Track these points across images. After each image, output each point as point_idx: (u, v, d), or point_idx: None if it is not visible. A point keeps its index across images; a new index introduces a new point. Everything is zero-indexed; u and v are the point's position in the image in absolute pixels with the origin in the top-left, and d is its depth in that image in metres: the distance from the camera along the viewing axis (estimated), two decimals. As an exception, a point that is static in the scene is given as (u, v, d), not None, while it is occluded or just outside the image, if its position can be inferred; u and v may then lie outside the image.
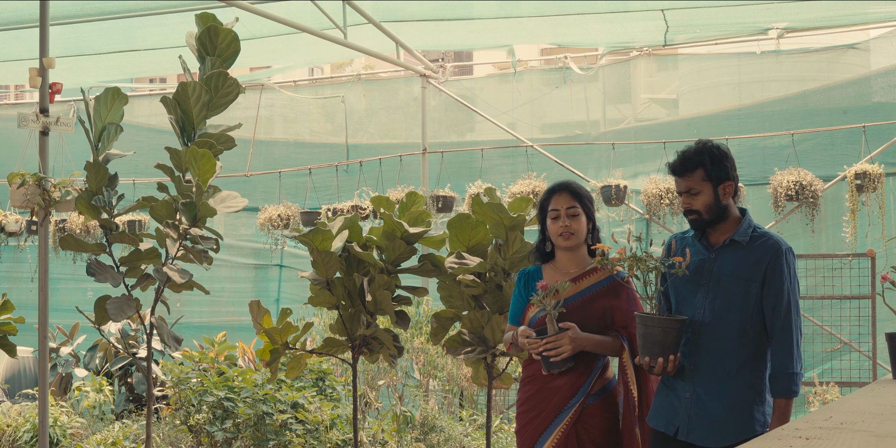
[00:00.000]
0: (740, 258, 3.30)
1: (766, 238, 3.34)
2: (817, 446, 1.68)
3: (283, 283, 10.20)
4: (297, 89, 10.39)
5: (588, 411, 3.57)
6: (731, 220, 3.35)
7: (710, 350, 3.28)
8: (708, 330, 3.28)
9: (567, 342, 3.45)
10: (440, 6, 7.48)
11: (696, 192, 3.30)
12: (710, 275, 3.31)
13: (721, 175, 3.29)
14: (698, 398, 3.30)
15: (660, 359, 3.21)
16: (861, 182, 7.44)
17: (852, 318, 7.27)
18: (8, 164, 8.05)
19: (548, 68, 9.55)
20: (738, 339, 3.25)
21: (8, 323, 5.71)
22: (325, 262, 4.88)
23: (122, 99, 5.33)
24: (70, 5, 7.07)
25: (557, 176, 8.66)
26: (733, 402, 3.25)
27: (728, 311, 3.26)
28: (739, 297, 3.25)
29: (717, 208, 3.30)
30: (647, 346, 3.24)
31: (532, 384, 3.66)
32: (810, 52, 8.58)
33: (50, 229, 8.87)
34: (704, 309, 3.30)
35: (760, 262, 3.27)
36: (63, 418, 7.45)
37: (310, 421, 6.80)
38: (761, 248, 3.30)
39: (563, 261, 3.73)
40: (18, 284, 10.40)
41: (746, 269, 3.27)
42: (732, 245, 3.33)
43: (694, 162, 3.29)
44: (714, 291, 3.29)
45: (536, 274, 3.76)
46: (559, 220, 3.66)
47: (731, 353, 3.26)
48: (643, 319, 3.22)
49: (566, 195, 3.70)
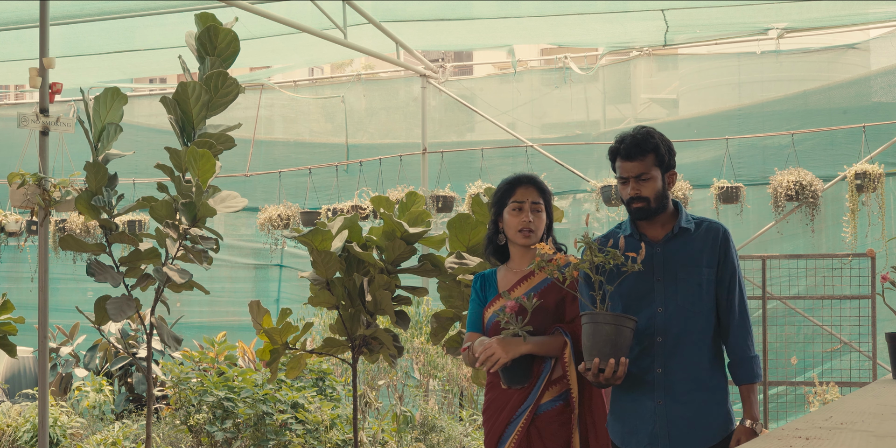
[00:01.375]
0: (691, 246, 3.13)
1: (709, 222, 3.20)
2: (817, 446, 1.68)
3: (283, 283, 10.20)
4: (297, 89, 10.39)
5: (543, 419, 3.30)
6: (669, 213, 3.18)
7: (683, 348, 3.07)
8: (676, 327, 3.07)
9: (497, 347, 3.21)
10: (440, 6, 7.48)
11: (647, 178, 3.10)
12: (662, 269, 3.11)
13: (670, 163, 3.15)
14: (673, 402, 3.07)
15: (611, 360, 2.91)
16: (861, 182, 7.44)
17: (852, 318, 7.27)
18: (8, 164, 8.04)
19: (548, 68, 9.55)
20: (709, 331, 3.10)
21: (8, 323, 5.71)
22: (325, 262, 4.88)
23: (121, 99, 5.33)
24: (70, 5, 7.07)
25: (557, 176, 8.67)
26: (711, 399, 3.08)
27: (694, 303, 3.08)
28: (701, 285, 3.09)
29: (663, 197, 3.14)
30: (596, 345, 2.91)
31: (491, 392, 3.46)
32: (810, 52, 8.58)
33: (50, 229, 8.87)
34: (666, 307, 3.08)
35: (712, 245, 3.12)
36: (63, 418, 7.45)
37: (310, 421, 6.80)
38: (708, 232, 3.14)
39: (516, 258, 3.50)
40: (18, 284, 10.40)
41: (699, 255, 3.11)
42: (682, 234, 3.15)
43: (650, 145, 3.10)
44: (673, 285, 3.09)
45: (492, 275, 3.55)
46: (521, 213, 3.43)
47: (705, 347, 3.09)
48: (591, 317, 2.92)
49: (532, 189, 3.48)
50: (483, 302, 3.51)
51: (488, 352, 3.21)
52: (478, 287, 3.56)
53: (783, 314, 7.92)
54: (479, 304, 3.53)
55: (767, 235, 8.14)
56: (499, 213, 3.52)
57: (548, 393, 3.31)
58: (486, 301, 3.49)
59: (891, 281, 3.44)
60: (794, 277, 7.76)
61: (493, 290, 3.50)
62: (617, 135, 3.21)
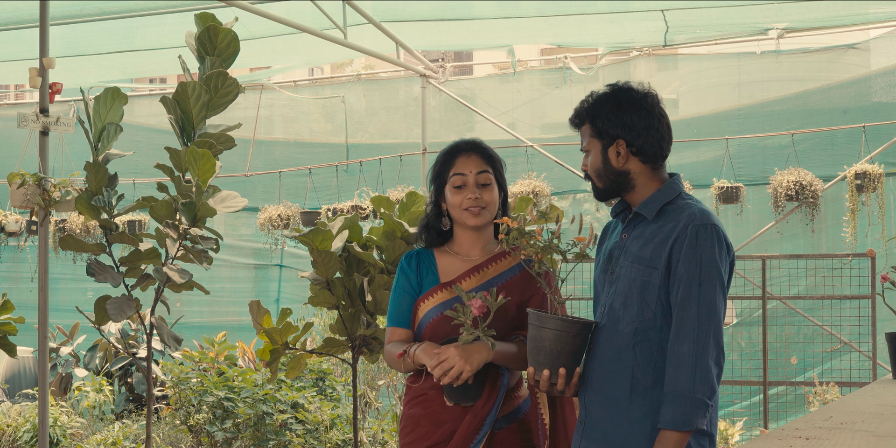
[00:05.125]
0: (646, 237, 2.44)
1: (682, 210, 2.43)
2: (817, 446, 1.68)
3: (283, 283, 10.20)
4: (297, 89, 10.39)
5: (498, 440, 2.72)
6: (644, 189, 2.49)
7: (603, 361, 2.45)
8: (603, 334, 2.47)
9: (457, 358, 2.55)
10: (440, 6, 7.48)
11: (586, 151, 2.54)
12: (617, 262, 2.50)
13: (612, 132, 2.46)
14: (588, 425, 2.48)
15: (545, 371, 2.39)
16: (861, 182, 7.45)
17: (852, 318, 7.27)
18: (8, 164, 8.04)
19: (548, 68, 9.55)
20: (634, 348, 2.40)
21: (8, 323, 5.71)
22: (325, 262, 4.88)
23: (121, 99, 5.33)
24: (70, 5, 7.06)
25: (557, 176, 8.67)
26: (623, 433, 2.40)
27: (625, 309, 2.43)
28: (637, 289, 2.41)
29: (611, 174, 2.47)
30: (531, 351, 2.44)
31: (420, 406, 2.76)
32: (810, 52, 8.58)
33: (50, 229, 8.87)
34: (606, 308, 2.49)
35: (666, 240, 2.40)
36: (63, 418, 7.45)
37: (310, 421, 6.80)
38: (671, 223, 2.42)
39: (464, 243, 2.82)
40: (18, 284, 10.40)
41: (648, 252, 2.42)
42: (636, 220, 2.50)
43: (584, 112, 2.52)
44: (616, 283, 2.48)
45: (427, 257, 2.84)
46: (465, 189, 2.77)
47: (626, 368, 2.41)
48: (535, 317, 2.43)
49: (476, 157, 2.82)
50: (416, 291, 2.80)
51: (447, 364, 2.55)
52: (411, 270, 2.83)
53: (783, 314, 7.92)
54: (410, 293, 2.81)
55: (767, 235, 8.14)
56: (440, 192, 2.85)
57: (501, 410, 2.75)
58: (422, 291, 2.79)
59: (891, 281, 3.44)
60: (794, 277, 7.77)
61: (433, 277, 2.81)
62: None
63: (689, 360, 2.30)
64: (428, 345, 2.64)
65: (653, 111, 2.50)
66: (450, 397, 2.68)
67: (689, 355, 2.31)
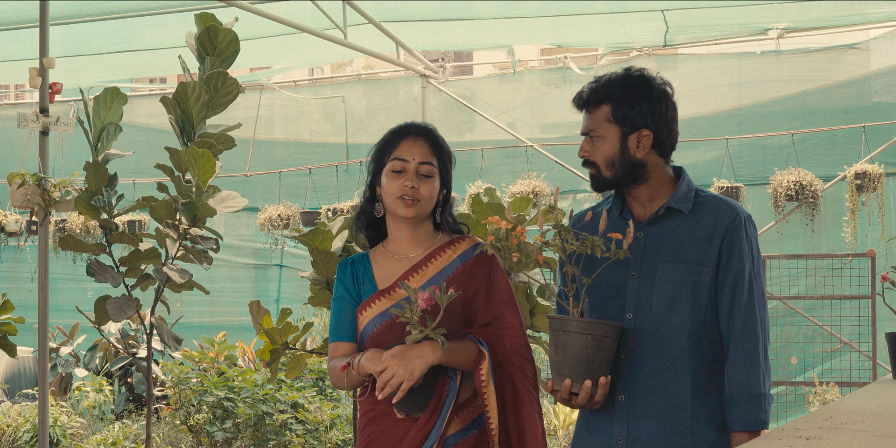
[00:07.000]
0: (683, 234, 2.31)
1: (717, 202, 2.34)
2: (817, 446, 1.68)
3: (283, 283, 10.20)
4: (297, 89, 10.39)
5: None
6: (658, 183, 2.36)
7: (652, 372, 2.30)
8: (646, 342, 2.30)
9: (395, 366, 2.28)
10: (440, 6, 7.48)
11: (596, 136, 2.39)
12: (640, 261, 2.32)
13: (638, 121, 2.32)
14: (634, 444, 2.30)
15: (587, 382, 2.18)
16: (861, 182, 7.45)
17: (852, 318, 7.27)
18: (8, 164, 8.04)
19: (548, 68, 9.55)
20: (691, 353, 2.28)
21: (8, 323, 5.71)
22: (325, 262, 4.88)
23: (121, 99, 5.33)
24: (70, 5, 7.06)
25: (558, 176, 8.66)
26: (685, 444, 2.28)
27: (673, 312, 2.29)
28: (687, 289, 2.28)
29: (627, 165, 2.33)
30: (567, 362, 2.20)
31: (373, 425, 2.49)
32: (810, 52, 8.58)
33: (50, 229, 8.86)
34: (637, 312, 2.31)
35: (713, 236, 2.29)
36: (63, 418, 7.45)
37: (310, 421, 6.80)
38: (711, 217, 2.31)
39: (400, 240, 2.56)
40: (18, 284, 10.40)
41: (693, 248, 2.29)
42: (669, 215, 2.34)
43: (604, 93, 2.39)
44: (649, 285, 2.31)
45: (363, 263, 2.62)
46: (403, 175, 2.48)
47: (682, 375, 2.28)
48: (561, 323, 2.20)
49: (423, 144, 2.54)
50: (356, 300, 2.56)
51: (386, 375, 2.28)
52: (347, 279, 2.59)
53: (783, 314, 7.92)
54: (350, 302, 2.56)
55: (767, 235, 8.14)
56: (377, 173, 2.56)
57: (455, 421, 2.44)
58: (361, 299, 2.55)
59: (891, 281, 3.43)
60: (794, 277, 7.77)
61: (370, 284, 2.56)
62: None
63: (757, 357, 2.27)
64: (373, 352, 2.38)
65: (674, 104, 2.39)
66: (399, 409, 2.41)
67: (758, 353, 2.27)
